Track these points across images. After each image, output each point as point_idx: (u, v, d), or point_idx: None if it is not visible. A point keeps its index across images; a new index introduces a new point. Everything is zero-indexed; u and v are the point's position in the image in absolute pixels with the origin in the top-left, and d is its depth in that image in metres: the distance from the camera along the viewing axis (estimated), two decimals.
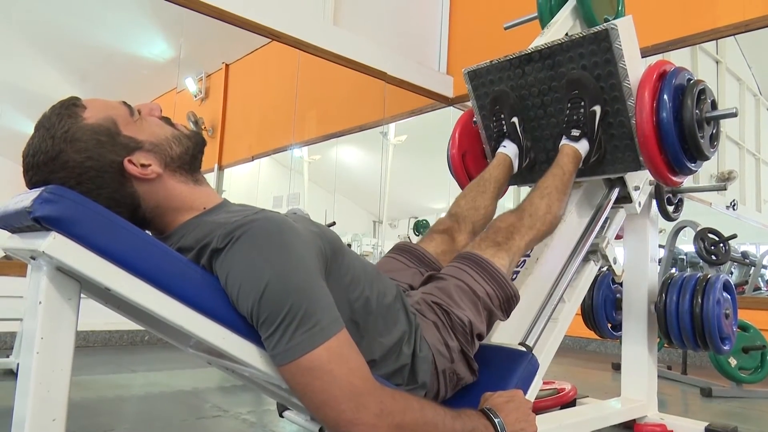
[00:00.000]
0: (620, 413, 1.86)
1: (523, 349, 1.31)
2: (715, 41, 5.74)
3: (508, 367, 1.20)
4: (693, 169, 1.56)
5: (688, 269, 5.52)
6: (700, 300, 1.84)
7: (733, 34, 3.25)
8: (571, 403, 2.11)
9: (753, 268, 4.80)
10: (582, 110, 1.57)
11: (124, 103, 0.87)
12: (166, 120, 0.92)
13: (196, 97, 8.29)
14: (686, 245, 5.31)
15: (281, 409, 1.37)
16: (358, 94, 5.78)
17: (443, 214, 1.59)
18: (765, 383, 2.75)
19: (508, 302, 1.19)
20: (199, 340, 0.80)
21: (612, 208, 1.73)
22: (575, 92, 1.59)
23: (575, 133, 1.57)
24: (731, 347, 1.89)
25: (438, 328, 1.09)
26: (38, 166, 0.80)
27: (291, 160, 7.62)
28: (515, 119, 1.72)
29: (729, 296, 1.91)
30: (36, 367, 0.73)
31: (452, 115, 4.89)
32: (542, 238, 1.42)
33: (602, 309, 2.20)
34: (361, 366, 0.80)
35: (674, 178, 1.56)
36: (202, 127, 8.09)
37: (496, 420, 0.93)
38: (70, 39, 6.04)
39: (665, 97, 1.48)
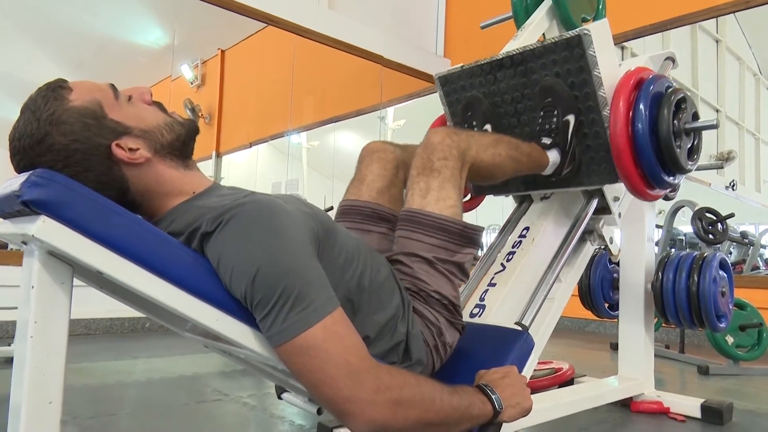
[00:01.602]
0: (617, 391, 1.88)
1: (519, 328, 1.32)
2: (715, 20, 5.69)
3: (504, 346, 1.21)
4: (671, 182, 1.50)
5: (687, 249, 5.53)
6: (696, 278, 1.85)
7: (733, 12, 3.22)
8: (569, 383, 2.13)
9: (751, 247, 4.80)
10: (555, 119, 1.50)
11: (111, 86, 0.87)
12: (159, 106, 0.92)
13: (192, 84, 8.24)
14: (685, 226, 5.31)
15: (279, 392, 1.38)
16: (354, 78, 5.75)
17: None
18: (761, 361, 2.77)
19: (462, 238, 1.11)
20: (193, 322, 0.80)
21: (591, 219, 1.64)
22: (548, 100, 1.51)
23: (546, 141, 1.49)
24: (727, 325, 1.90)
25: (420, 310, 1.09)
26: (25, 150, 0.80)
27: (289, 146, 7.59)
28: (488, 126, 1.66)
29: (725, 274, 1.92)
30: (30, 351, 0.73)
31: None
32: (480, 176, 1.26)
33: (599, 289, 2.21)
34: (358, 343, 0.80)
35: (651, 192, 1.50)
36: (199, 114, 8.06)
37: (492, 396, 0.93)
38: (64, 27, 5.99)
39: (641, 107, 1.41)
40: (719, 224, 2.74)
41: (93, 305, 3.36)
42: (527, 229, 1.65)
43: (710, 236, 2.75)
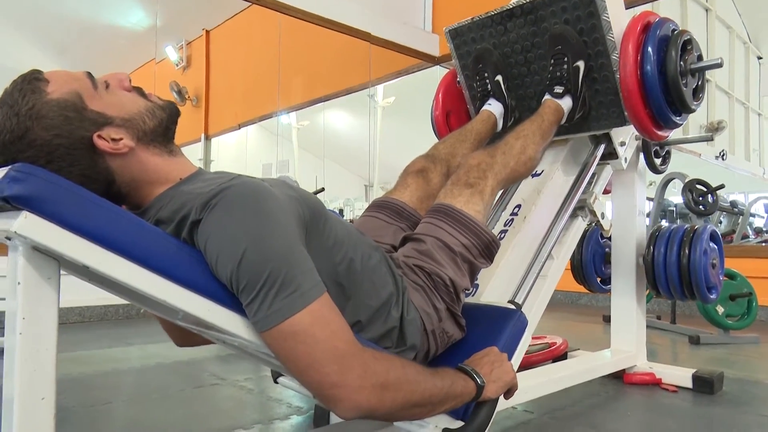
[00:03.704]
0: (610, 364, 1.91)
1: (512, 307, 1.32)
2: None
3: (498, 325, 1.21)
4: (678, 122, 1.54)
5: (678, 221, 5.56)
6: (687, 251, 1.86)
7: None
8: (563, 357, 2.15)
9: (741, 217, 4.84)
10: (565, 66, 1.55)
11: (88, 74, 0.84)
12: (138, 91, 0.90)
13: (177, 65, 8.11)
14: (676, 197, 5.34)
15: (275, 376, 1.38)
16: (342, 56, 5.68)
17: None
18: (750, 328, 2.81)
19: (487, 249, 1.18)
20: (184, 313, 0.80)
21: (598, 164, 1.72)
22: (558, 48, 1.56)
23: (558, 90, 1.55)
24: (717, 296, 1.92)
25: (424, 291, 1.09)
26: (5, 146, 0.78)
27: (278, 126, 7.53)
28: (499, 77, 1.69)
29: (716, 246, 1.93)
30: (20, 348, 0.72)
31: (439, 75, 4.81)
32: (516, 178, 1.38)
33: (591, 264, 2.22)
34: (344, 328, 0.80)
35: (659, 133, 1.55)
36: (186, 96, 7.95)
37: (473, 373, 0.95)
38: (45, 11, 5.86)
39: (649, 49, 1.45)
40: (710, 196, 2.75)
41: (86, 293, 3.35)
42: (519, 206, 1.65)
43: (701, 207, 2.77)
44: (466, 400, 0.94)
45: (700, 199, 2.77)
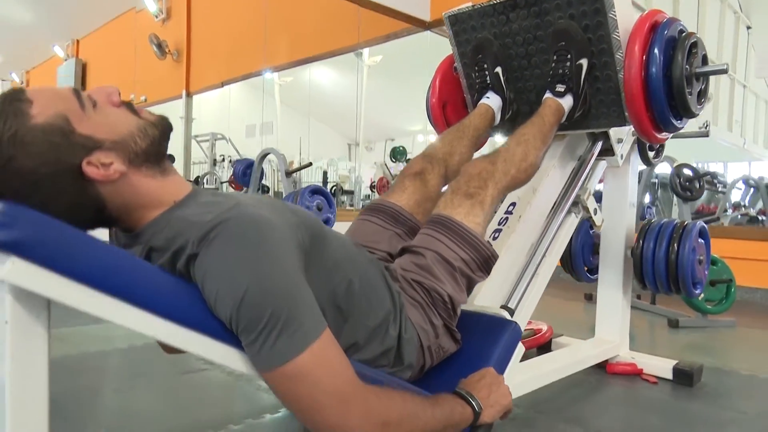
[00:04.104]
0: (595, 356, 1.94)
1: (506, 314, 1.32)
2: None
3: (492, 336, 1.21)
4: (679, 126, 1.53)
5: (659, 191, 5.60)
6: (676, 247, 1.87)
7: None
8: (547, 344, 2.19)
9: (722, 195, 4.90)
10: (568, 63, 1.51)
11: (74, 91, 0.78)
12: (128, 106, 0.84)
13: (157, 17, 7.81)
14: (659, 168, 5.36)
15: None
16: (330, 17, 5.50)
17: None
18: (727, 311, 2.88)
19: (485, 263, 1.17)
20: (181, 349, 0.78)
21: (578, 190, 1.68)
22: (561, 44, 1.51)
23: (560, 88, 1.51)
24: (702, 290, 1.95)
25: (422, 307, 1.08)
26: None
27: (263, 84, 7.33)
28: (499, 69, 1.65)
29: (703, 241, 1.95)
30: (10, 387, 0.70)
31: (429, 40, 4.71)
32: (517, 186, 1.37)
33: (580, 254, 2.23)
34: (345, 366, 0.79)
35: (658, 136, 1.53)
36: (166, 50, 7.67)
37: (470, 399, 0.95)
38: None
39: (656, 51, 1.42)
40: (697, 181, 2.76)
41: None
42: (513, 204, 1.63)
43: (687, 192, 2.78)
44: (463, 427, 0.94)
45: (687, 184, 2.78)
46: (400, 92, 8.78)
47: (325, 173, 8.01)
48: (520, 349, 1.25)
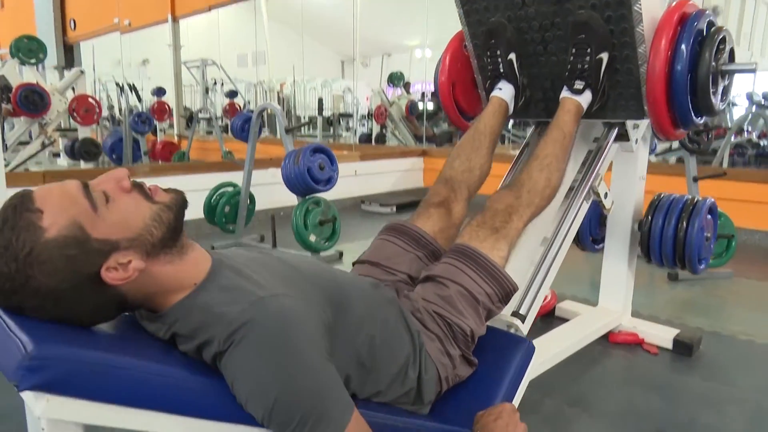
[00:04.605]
0: (598, 330, 1.99)
1: (518, 323, 1.35)
2: None
3: (506, 354, 1.23)
4: (697, 123, 1.47)
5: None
6: (684, 225, 1.87)
7: None
8: (551, 311, 2.25)
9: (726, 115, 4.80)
10: (588, 58, 1.43)
11: (83, 187, 0.74)
12: (140, 189, 0.80)
13: None
14: None
15: None
16: None
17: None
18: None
19: (507, 297, 1.21)
20: None
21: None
22: (581, 36, 1.42)
23: (579, 85, 1.45)
24: (707, 266, 1.97)
25: (440, 341, 1.10)
26: (7, 294, 0.70)
27: (254, 4, 6.95)
28: (512, 56, 1.56)
29: (712, 218, 1.95)
30: None
31: None
32: (541, 212, 1.38)
33: (587, 225, 2.23)
34: None
35: (676, 132, 1.48)
36: None
37: None
38: None
39: (683, 47, 1.34)
40: (705, 135, 2.71)
41: None
42: None
43: (695, 145, 2.74)
44: None
45: (696, 137, 2.73)
46: (396, 4, 8.36)
47: (320, 101, 7.80)
48: (532, 366, 1.28)
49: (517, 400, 1.21)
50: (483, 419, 1.04)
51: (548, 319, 2.22)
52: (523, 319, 1.38)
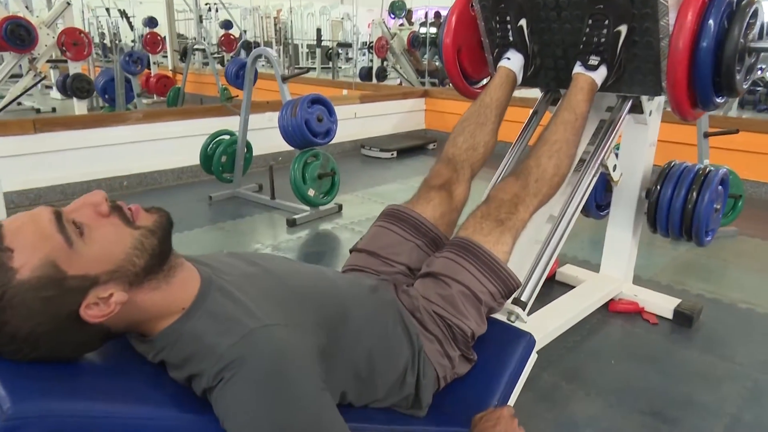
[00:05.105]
0: (600, 300, 1.98)
1: (519, 311, 1.32)
2: None
3: (506, 349, 1.22)
4: (718, 104, 1.38)
5: None
6: (694, 196, 1.81)
7: None
8: (552, 276, 2.23)
9: None
10: (605, 31, 1.32)
11: (57, 220, 0.68)
12: (119, 213, 0.74)
13: None
14: None
15: None
16: None
17: None
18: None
19: (509, 294, 1.19)
20: None
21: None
22: (599, 6, 1.31)
23: (594, 61, 1.34)
24: (713, 238, 1.93)
25: (439, 342, 1.08)
26: None
27: None
28: (523, 22, 1.45)
29: (722, 189, 1.88)
30: None
31: None
32: (548, 200, 1.32)
33: (593, 193, 2.16)
34: None
35: (694, 112, 1.39)
36: None
37: None
38: None
39: (710, 22, 1.23)
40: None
41: (68, 169, 3.22)
42: None
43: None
44: None
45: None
46: None
47: (318, 31, 7.48)
48: (532, 359, 1.27)
49: (515, 394, 1.21)
50: (481, 424, 1.03)
51: (549, 283, 2.21)
52: (524, 306, 1.36)
